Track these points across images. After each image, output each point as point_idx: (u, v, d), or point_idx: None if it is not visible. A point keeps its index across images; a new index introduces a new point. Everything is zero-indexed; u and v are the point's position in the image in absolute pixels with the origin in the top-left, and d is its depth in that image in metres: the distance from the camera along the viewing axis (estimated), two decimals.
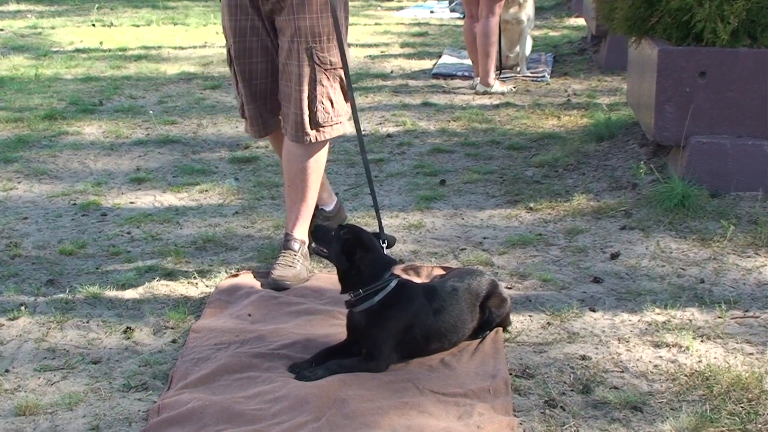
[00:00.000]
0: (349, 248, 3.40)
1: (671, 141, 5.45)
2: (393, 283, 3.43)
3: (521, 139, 6.75)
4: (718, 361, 3.50)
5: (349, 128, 4.28)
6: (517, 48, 8.79)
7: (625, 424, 3.08)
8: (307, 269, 4.23)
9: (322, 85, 4.02)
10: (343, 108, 4.15)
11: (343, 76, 4.06)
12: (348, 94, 4.19)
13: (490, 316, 3.65)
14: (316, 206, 4.64)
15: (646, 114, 5.71)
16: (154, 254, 4.67)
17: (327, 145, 4.27)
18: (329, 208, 4.76)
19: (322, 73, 4.00)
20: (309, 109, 4.03)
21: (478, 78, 8.33)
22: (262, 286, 4.13)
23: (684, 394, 3.26)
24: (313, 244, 3.61)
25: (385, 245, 3.62)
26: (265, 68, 4.16)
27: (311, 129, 4.08)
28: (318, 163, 4.22)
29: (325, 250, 3.48)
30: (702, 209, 5.04)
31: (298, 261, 4.20)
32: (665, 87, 5.36)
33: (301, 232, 4.30)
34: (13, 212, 5.31)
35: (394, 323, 3.41)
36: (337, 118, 4.14)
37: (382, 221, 5.12)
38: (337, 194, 4.94)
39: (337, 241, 3.41)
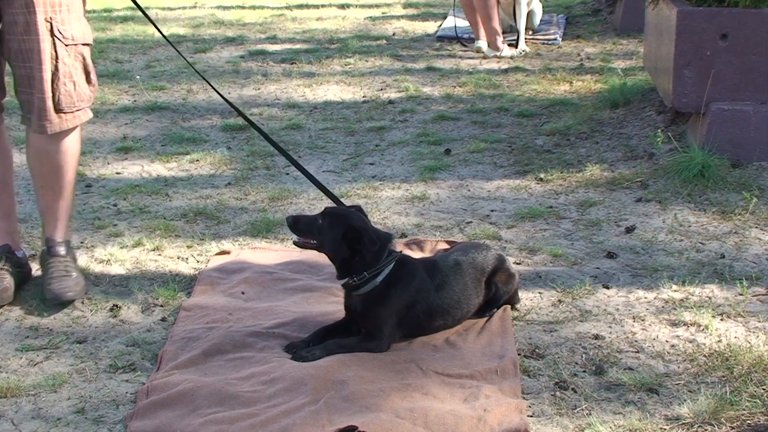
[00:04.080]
0: (352, 236, 3.34)
1: (690, 108, 5.41)
2: (394, 261, 3.42)
3: (531, 106, 6.71)
4: (738, 340, 3.49)
5: (90, 115, 3.91)
6: (518, 16, 8.62)
7: (640, 407, 3.08)
8: (79, 270, 3.98)
9: (65, 64, 3.66)
10: (86, 92, 3.78)
11: (86, 54, 3.74)
12: (92, 77, 3.77)
13: (497, 292, 3.64)
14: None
15: (663, 79, 5.66)
16: (142, 228, 4.66)
17: (79, 134, 3.90)
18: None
19: (63, 50, 3.64)
20: (52, 91, 3.66)
21: (480, 41, 8.27)
22: (48, 299, 3.83)
23: (702, 375, 3.25)
24: (295, 237, 3.45)
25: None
26: None
27: (55, 115, 3.70)
28: (74, 157, 3.88)
29: (313, 241, 3.42)
30: (723, 180, 5.02)
31: (72, 266, 3.91)
32: (684, 50, 5.32)
33: (64, 233, 3.99)
34: None
35: (396, 301, 3.40)
36: (80, 104, 3.77)
37: (384, 193, 5.12)
38: None
39: (331, 229, 3.36)
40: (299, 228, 3.43)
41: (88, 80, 3.79)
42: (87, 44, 3.76)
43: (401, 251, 3.59)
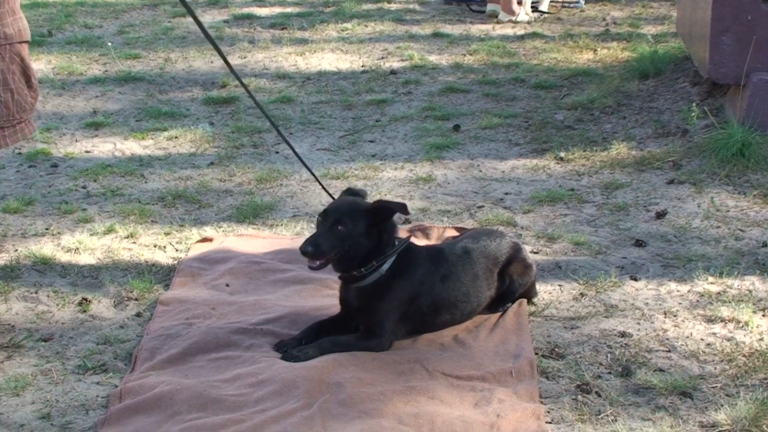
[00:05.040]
0: (382, 214, 3.33)
1: (729, 79, 5.39)
2: (401, 248, 3.41)
3: (550, 77, 6.70)
4: None
5: (34, 129, 3.59)
6: None
7: (671, 412, 3.07)
8: None
9: None
10: (27, 100, 3.43)
11: (24, 53, 3.38)
12: (32, 80, 3.38)
13: (512, 284, 3.64)
14: None
15: (699, 47, 5.64)
16: (115, 212, 4.65)
17: None
18: None
19: None
20: None
21: (494, 4, 8.24)
22: None
23: (742, 377, 3.25)
24: (313, 263, 3.30)
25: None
26: None
27: None
28: None
29: (336, 255, 3.28)
30: (765, 160, 5.01)
31: None
32: (723, 14, 5.29)
33: None
34: None
35: (399, 294, 3.39)
36: (20, 115, 3.43)
37: (385, 174, 5.11)
38: None
39: (356, 226, 3.30)
40: (323, 250, 3.30)
41: (29, 84, 3.44)
42: (24, 42, 3.43)
43: (408, 237, 3.59)
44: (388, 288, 3.38)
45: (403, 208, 3.40)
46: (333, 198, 3.65)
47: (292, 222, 4.51)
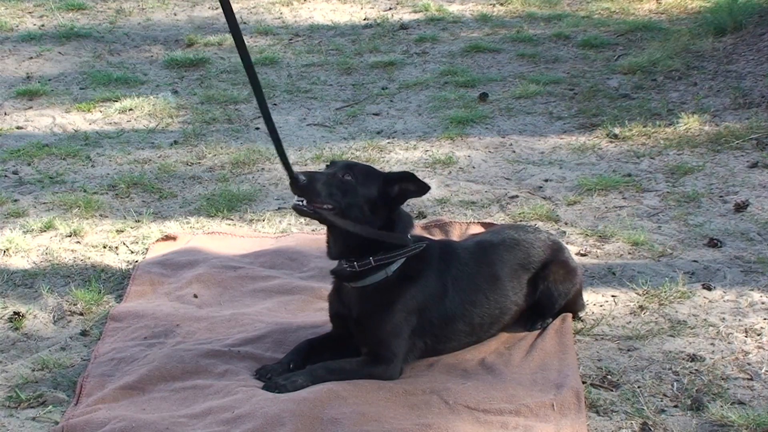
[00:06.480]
0: (396, 190, 3.36)
1: None
2: (415, 251, 3.41)
3: (602, 32, 6.68)
4: None
5: None
6: None
7: None
8: None
9: None
10: None
11: None
12: None
13: (551, 294, 3.62)
14: None
15: None
16: (54, 204, 4.65)
17: None
18: None
19: None
20: None
21: None
22: None
23: None
24: (300, 201, 3.31)
25: None
26: None
27: None
28: None
29: (328, 206, 3.32)
30: None
31: None
32: None
33: None
34: None
35: (409, 302, 3.38)
36: None
37: (394, 155, 5.10)
38: None
39: (366, 185, 3.34)
40: (315, 189, 3.32)
41: None
42: None
43: (427, 239, 3.56)
44: (395, 294, 3.37)
45: (419, 184, 3.39)
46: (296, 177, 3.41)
47: (276, 216, 4.52)
